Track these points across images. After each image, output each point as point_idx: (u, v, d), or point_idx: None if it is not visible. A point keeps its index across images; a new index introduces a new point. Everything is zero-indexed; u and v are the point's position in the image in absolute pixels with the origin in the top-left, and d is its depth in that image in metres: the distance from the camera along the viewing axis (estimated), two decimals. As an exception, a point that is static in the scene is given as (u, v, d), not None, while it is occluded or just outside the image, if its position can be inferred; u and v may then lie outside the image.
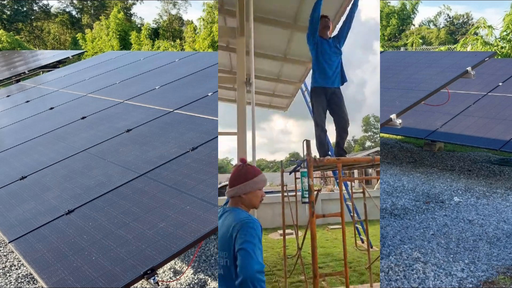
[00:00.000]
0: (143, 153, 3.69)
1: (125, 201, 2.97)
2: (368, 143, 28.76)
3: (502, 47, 11.76)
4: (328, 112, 3.61)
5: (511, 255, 3.91)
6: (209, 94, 4.82)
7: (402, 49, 23.17)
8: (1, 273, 3.91)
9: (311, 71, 3.80)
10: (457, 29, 37.15)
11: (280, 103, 7.81)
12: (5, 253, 4.31)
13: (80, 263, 2.43)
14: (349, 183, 5.62)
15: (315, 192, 2.58)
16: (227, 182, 2.34)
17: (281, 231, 7.07)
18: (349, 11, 3.63)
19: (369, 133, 29.31)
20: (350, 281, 5.08)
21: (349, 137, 3.84)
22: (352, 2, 3.65)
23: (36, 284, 3.72)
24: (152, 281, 2.22)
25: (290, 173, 4.75)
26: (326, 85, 3.58)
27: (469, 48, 12.34)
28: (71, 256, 2.50)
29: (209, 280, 3.66)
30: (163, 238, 2.48)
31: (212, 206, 2.69)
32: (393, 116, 3.80)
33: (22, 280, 3.78)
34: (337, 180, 6.75)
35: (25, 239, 2.81)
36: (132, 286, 2.24)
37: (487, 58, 4.81)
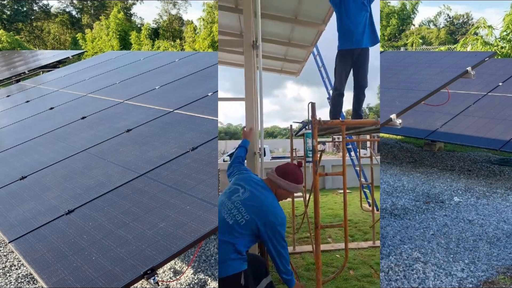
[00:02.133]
0: (143, 153, 3.69)
1: (125, 201, 2.97)
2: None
3: (502, 47, 11.76)
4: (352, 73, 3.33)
5: (511, 255, 3.91)
6: (209, 94, 4.82)
7: (402, 49, 23.17)
8: (1, 273, 3.91)
9: (322, 34, 3.58)
10: (457, 29, 37.12)
11: (292, 68, 7.46)
12: (5, 253, 4.30)
13: (80, 263, 2.43)
14: (358, 149, 5.88)
15: (319, 153, 2.69)
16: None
17: (291, 195, 7.31)
18: None
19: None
20: (354, 238, 5.61)
21: (364, 104, 3.70)
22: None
23: (36, 284, 3.72)
24: (152, 281, 2.22)
25: (296, 134, 4.76)
26: (352, 47, 3.28)
27: (469, 48, 12.34)
28: (71, 256, 2.50)
29: (209, 280, 3.66)
30: (163, 238, 2.48)
31: (212, 206, 2.69)
32: (393, 116, 3.79)
33: (22, 280, 3.78)
34: (348, 146, 6.88)
35: (25, 239, 2.81)
36: (132, 286, 2.24)
37: (487, 58, 4.81)
